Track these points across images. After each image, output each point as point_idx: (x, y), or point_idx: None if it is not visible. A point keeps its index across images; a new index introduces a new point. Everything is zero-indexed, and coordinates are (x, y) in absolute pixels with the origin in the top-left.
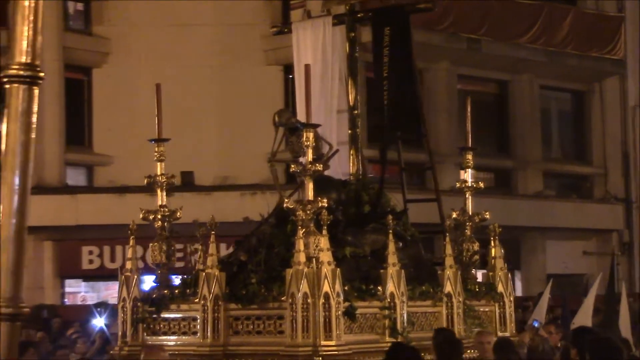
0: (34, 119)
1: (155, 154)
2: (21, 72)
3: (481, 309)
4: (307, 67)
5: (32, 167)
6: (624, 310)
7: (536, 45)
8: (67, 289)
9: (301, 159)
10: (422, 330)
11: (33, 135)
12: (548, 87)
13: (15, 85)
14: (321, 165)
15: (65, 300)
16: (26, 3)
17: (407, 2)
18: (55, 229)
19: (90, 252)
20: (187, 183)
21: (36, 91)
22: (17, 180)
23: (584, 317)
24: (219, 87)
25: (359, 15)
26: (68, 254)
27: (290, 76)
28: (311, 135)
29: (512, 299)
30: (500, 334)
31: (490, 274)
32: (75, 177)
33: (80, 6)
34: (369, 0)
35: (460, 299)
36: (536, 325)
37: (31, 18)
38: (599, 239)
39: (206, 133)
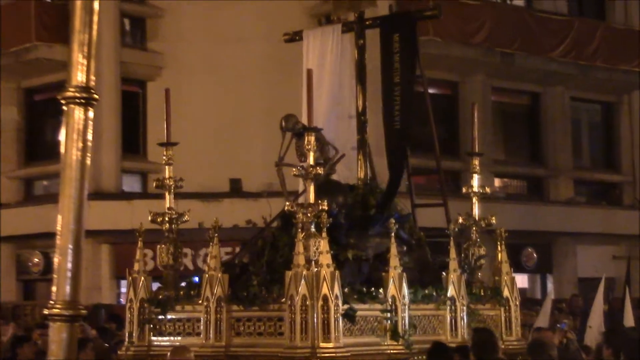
0: (90, 137)
1: (164, 157)
2: (77, 95)
3: (487, 313)
4: (309, 72)
5: (88, 181)
6: (628, 313)
7: (567, 59)
8: (123, 290)
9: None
10: (424, 333)
11: (89, 153)
12: (578, 98)
13: (72, 106)
14: (322, 169)
15: (121, 300)
16: (82, 36)
17: (415, 9)
18: (112, 233)
19: (145, 255)
20: (235, 189)
21: (91, 112)
22: (74, 193)
23: (597, 318)
24: (266, 99)
25: (367, 23)
26: (124, 256)
27: None
28: (312, 138)
29: (517, 303)
30: (505, 337)
31: (496, 278)
32: (131, 184)
33: (136, 23)
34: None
35: (464, 303)
36: (564, 327)
37: (85, 47)
38: (627, 244)
39: (254, 142)
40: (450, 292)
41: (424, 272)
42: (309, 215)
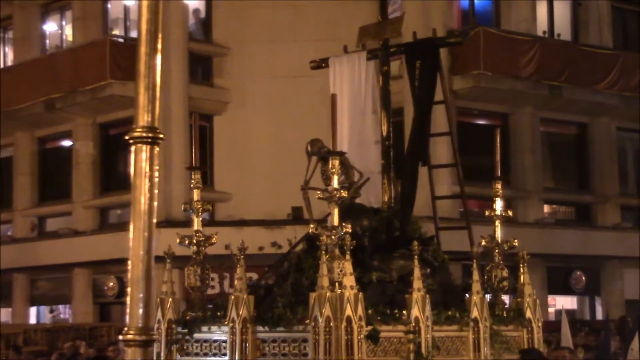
0: (156, 174)
1: (192, 181)
2: (144, 134)
3: (509, 334)
4: (333, 97)
5: (159, 210)
6: None
7: (612, 91)
8: None
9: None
10: (448, 354)
11: (156, 189)
12: (624, 128)
13: (139, 145)
14: (346, 192)
15: None
16: (146, 80)
17: (438, 36)
18: (181, 258)
19: (212, 279)
20: (296, 217)
21: (157, 150)
22: (144, 227)
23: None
24: (325, 131)
25: (392, 50)
26: None
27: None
28: (337, 162)
29: (540, 324)
30: None
31: (519, 299)
32: None
33: (203, 61)
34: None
35: (487, 324)
36: None
37: (150, 91)
38: None
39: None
40: (474, 313)
41: (448, 294)
42: (333, 237)
